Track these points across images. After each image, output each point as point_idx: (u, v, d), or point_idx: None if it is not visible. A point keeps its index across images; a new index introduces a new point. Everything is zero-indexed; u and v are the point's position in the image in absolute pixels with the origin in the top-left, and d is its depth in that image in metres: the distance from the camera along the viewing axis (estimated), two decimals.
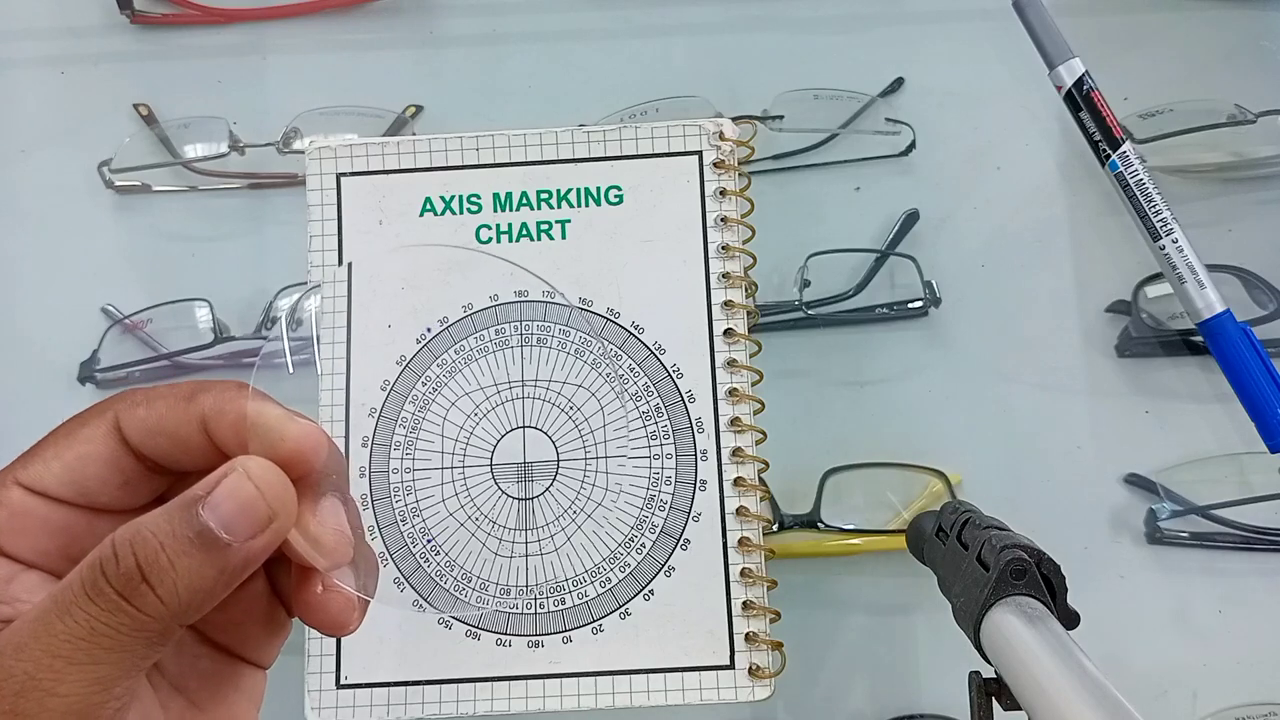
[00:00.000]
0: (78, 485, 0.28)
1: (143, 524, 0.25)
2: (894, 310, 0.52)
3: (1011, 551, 0.33)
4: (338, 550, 0.28)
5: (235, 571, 0.26)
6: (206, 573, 0.25)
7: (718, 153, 0.44)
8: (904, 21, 0.57)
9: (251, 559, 0.26)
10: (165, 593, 0.24)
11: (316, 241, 0.44)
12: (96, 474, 0.28)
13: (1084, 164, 0.52)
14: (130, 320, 0.53)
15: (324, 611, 0.28)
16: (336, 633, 0.29)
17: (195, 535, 0.25)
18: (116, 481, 0.28)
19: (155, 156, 0.55)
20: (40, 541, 0.28)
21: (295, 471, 0.27)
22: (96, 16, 0.58)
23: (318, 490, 0.28)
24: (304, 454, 0.27)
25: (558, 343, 0.42)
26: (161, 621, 0.25)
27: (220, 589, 0.26)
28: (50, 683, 0.24)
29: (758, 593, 0.41)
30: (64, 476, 0.28)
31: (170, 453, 0.28)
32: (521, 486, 0.41)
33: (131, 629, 0.24)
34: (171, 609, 0.25)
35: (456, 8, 0.58)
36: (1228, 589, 0.49)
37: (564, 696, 0.40)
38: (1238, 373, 0.46)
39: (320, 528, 0.28)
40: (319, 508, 0.28)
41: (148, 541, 0.25)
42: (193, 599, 0.25)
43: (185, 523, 0.25)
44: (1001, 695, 0.32)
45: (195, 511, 0.25)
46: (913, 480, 0.50)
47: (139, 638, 0.24)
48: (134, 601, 0.24)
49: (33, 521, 0.28)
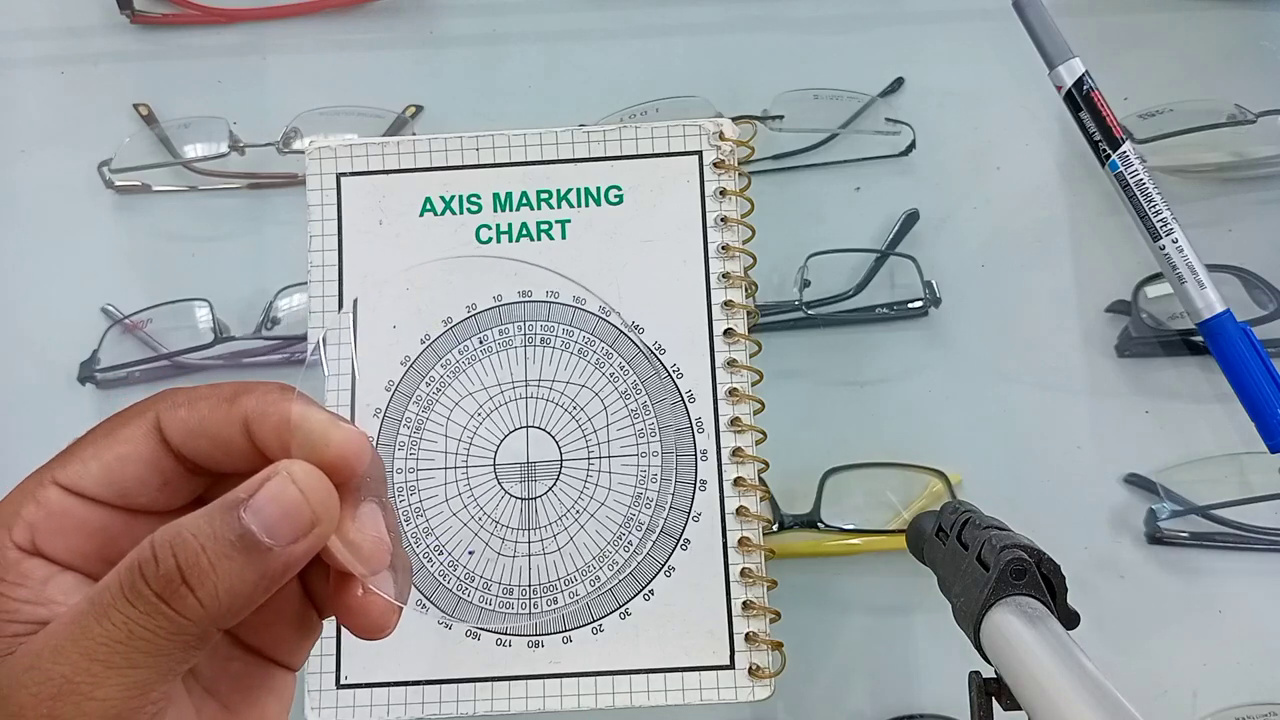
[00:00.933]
0: (116, 486, 0.27)
1: (183, 526, 0.25)
2: (894, 310, 0.52)
3: (1011, 551, 0.33)
4: (376, 557, 0.28)
5: (276, 576, 0.25)
6: (247, 576, 0.25)
7: (718, 153, 0.44)
8: (904, 21, 0.57)
9: (293, 564, 0.26)
10: (205, 596, 0.24)
11: (316, 241, 0.44)
12: (136, 475, 0.28)
13: (1084, 164, 0.52)
14: (130, 320, 0.53)
15: (365, 615, 0.28)
16: (375, 636, 0.29)
17: (237, 538, 0.25)
18: (156, 483, 0.28)
19: (155, 156, 0.55)
20: (77, 542, 0.27)
21: (338, 477, 0.27)
22: (96, 16, 0.58)
23: (358, 496, 0.28)
24: (348, 460, 0.27)
25: (561, 343, 0.42)
26: (200, 625, 0.24)
27: (260, 593, 0.25)
28: (88, 687, 0.24)
29: (758, 593, 0.41)
30: (103, 477, 0.27)
31: (211, 454, 0.28)
32: (525, 486, 0.41)
33: (170, 632, 0.24)
34: (211, 612, 0.24)
35: (456, 8, 0.58)
36: (1228, 589, 0.49)
37: (564, 696, 0.40)
38: (1238, 373, 0.46)
39: (360, 534, 0.28)
40: (358, 514, 0.28)
41: (188, 544, 0.24)
42: (233, 603, 0.25)
43: (227, 525, 0.25)
44: (1001, 695, 0.32)
45: (238, 514, 0.25)
46: (913, 480, 0.50)
47: (177, 641, 0.24)
48: (173, 604, 0.24)
49: (70, 522, 0.27)
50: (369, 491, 0.28)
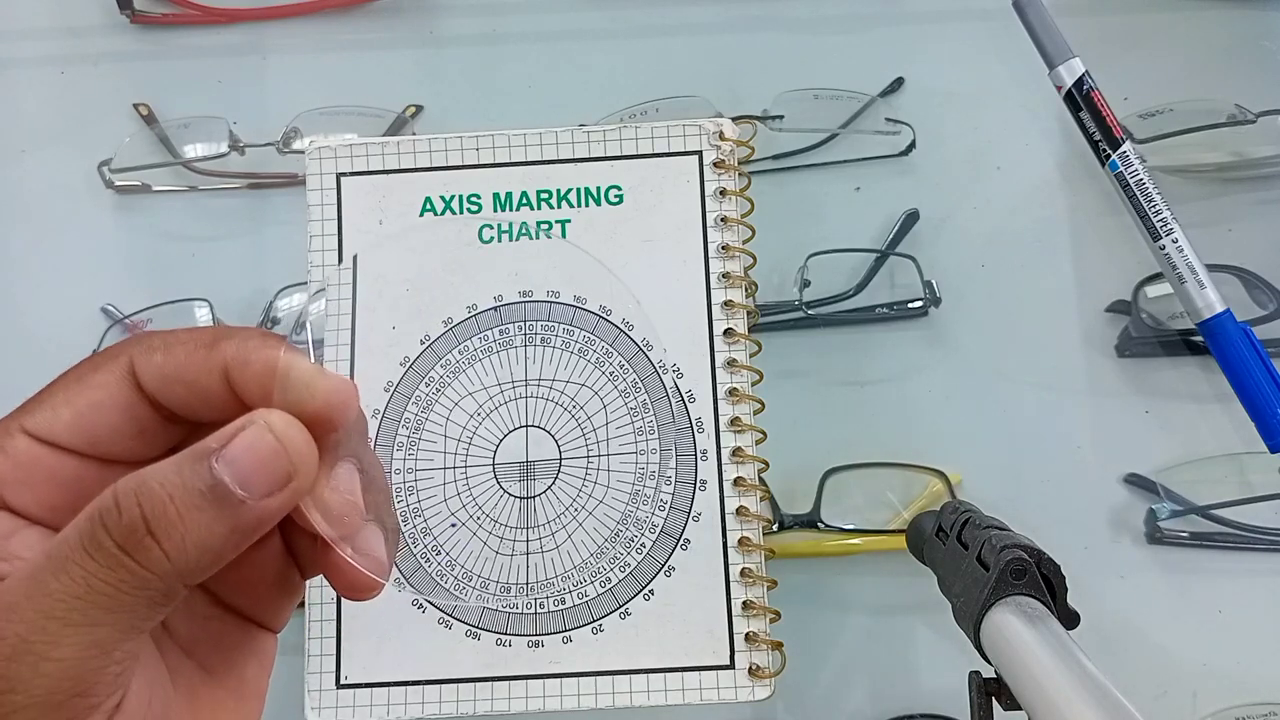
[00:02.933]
0: (89, 434, 0.26)
1: (149, 475, 0.23)
2: (894, 310, 0.52)
3: (1011, 551, 0.33)
4: (345, 519, 0.26)
5: (248, 531, 0.24)
6: (217, 530, 0.23)
7: (718, 152, 0.44)
8: (904, 21, 0.57)
9: (266, 518, 0.24)
10: (172, 548, 0.23)
11: (316, 241, 0.44)
12: (109, 422, 0.26)
13: (1084, 164, 0.52)
14: (130, 320, 0.53)
15: (354, 572, 0.27)
16: (362, 595, 0.27)
17: (208, 489, 0.23)
18: (130, 431, 0.27)
19: (155, 156, 0.55)
20: (47, 494, 0.26)
21: (320, 430, 0.25)
22: (96, 16, 0.58)
23: (336, 454, 0.26)
24: (333, 411, 0.25)
25: (561, 342, 0.42)
26: (166, 580, 0.23)
27: (230, 549, 0.24)
28: (44, 646, 0.22)
29: (758, 592, 0.41)
30: (74, 424, 0.26)
31: (188, 402, 0.26)
32: (523, 485, 0.41)
33: (133, 587, 0.23)
34: (178, 567, 0.23)
35: (456, 8, 0.58)
36: (1228, 589, 0.49)
37: (564, 696, 0.40)
38: (1238, 373, 0.46)
39: (333, 494, 0.26)
40: (334, 474, 0.26)
41: (155, 493, 0.23)
42: (201, 557, 0.23)
43: (197, 475, 0.23)
44: (1001, 695, 0.32)
45: (209, 464, 0.23)
46: (913, 480, 0.50)
47: (140, 597, 0.23)
48: (136, 557, 0.23)
49: (39, 473, 0.26)
50: (348, 451, 0.27)
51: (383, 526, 0.28)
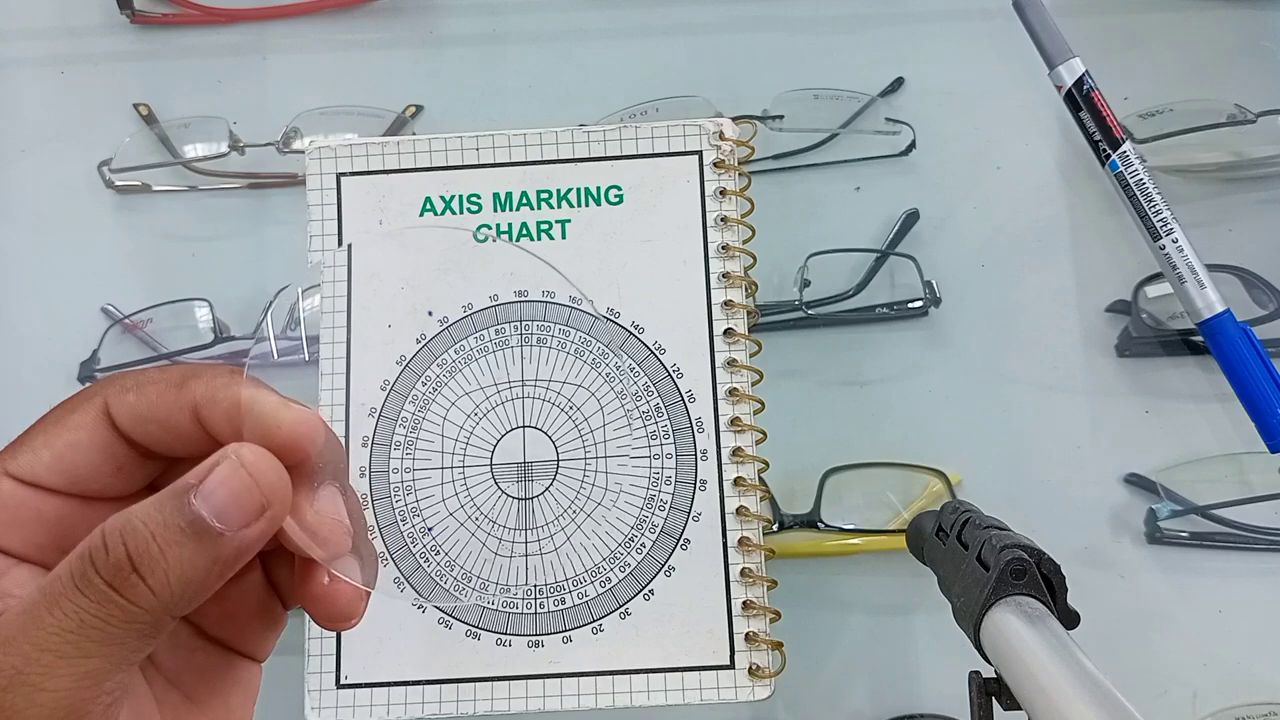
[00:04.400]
0: (69, 474, 0.27)
1: (133, 514, 0.24)
2: (894, 310, 0.52)
3: (1011, 551, 0.33)
4: (334, 540, 0.28)
5: (229, 561, 0.25)
6: (199, 562, 0.24)
7: (718, 152, 0.44)
8: (904, 21, 0.57)
9: (245, 548, 0.25)
10: (156, 583, 0.24)
11: (316, 241, 0.44)
12: (88, 461, 0.27)
13: (1084, 164, 0.52)
14: (130, 320, 0.53)
15: (332, 603, 0.28)
16: (341, 625, 0.28)
17: (187, 524, 0.24)
18: (109, 469, 0.28)
19: (155, 156, 0.55)
20: (33, 534, 0.27)
21: (291, 459, 0.26)
22: (96, 16, 0.58)
23: (315, 479, 0.28)
24: (299, 441, 0.27)
25: (557, 342, 0.42)
26: (153, 613, 0.24)
27: (213, 580, 0.25)
28: (39, 678, 0.23)
29: (758, 592, 0.41)
30: (54, 465, 0.27)
31: (162, 439, 0.28)
32: (521, 486, 0.41)
33: (122, 621, 0.24)
34: (163, 600, 0.24)
35: (456, 8, 0.58)
36: (1228, 589, 0.49)
37: (564, 696, 0.40)
38: (1238, 373, 0.46)
39: (318, 517, 0.27)
40: (316, 497, 0.28)
41: (138, 531, 0.24)
42: (185, 590, 0.24)
43: (176, 511, 0.24)
44: (1001, 695, 0.32)
45: (187, 500, 0.24)
46: (913, 480, 0.50)
47: (130, 630, 0.24)
48: (124, 593, 0.24)
49: (25, 513, 0.27)
50: (327, 474, 0.28)
51: (359, 556, 0.29)
